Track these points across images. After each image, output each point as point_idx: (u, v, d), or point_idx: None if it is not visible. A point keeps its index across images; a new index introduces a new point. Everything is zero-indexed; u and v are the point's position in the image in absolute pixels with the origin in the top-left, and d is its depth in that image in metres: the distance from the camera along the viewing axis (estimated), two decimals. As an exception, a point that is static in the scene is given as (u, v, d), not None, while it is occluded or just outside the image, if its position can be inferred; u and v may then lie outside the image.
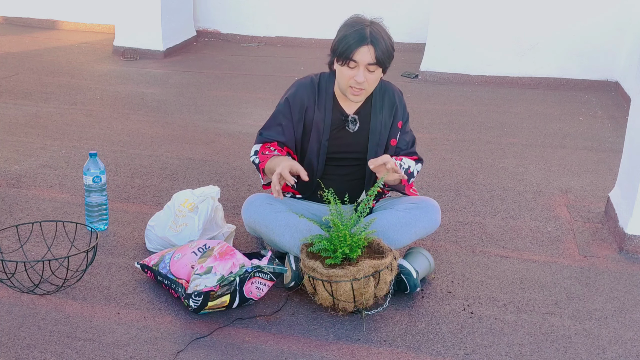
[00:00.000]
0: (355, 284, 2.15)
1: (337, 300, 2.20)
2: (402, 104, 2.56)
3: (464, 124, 4.52)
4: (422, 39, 6.17)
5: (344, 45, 2.28)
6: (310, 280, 2.22)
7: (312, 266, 2.19)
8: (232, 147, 3.94)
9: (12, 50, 6.30)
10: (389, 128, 2.52)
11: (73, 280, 2.42)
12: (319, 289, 2.21)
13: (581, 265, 2.71)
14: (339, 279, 2.14)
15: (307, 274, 2.22)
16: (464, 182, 3.52)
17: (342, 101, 2.49)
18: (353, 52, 2.27)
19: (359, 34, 2.27)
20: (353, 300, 2.20)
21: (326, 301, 2.23)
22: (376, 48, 2.27)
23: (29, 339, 2.12)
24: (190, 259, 2.32)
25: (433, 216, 2.49)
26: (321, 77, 2.50)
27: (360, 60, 2.28)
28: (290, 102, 2.48)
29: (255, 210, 2.46)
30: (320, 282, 2.18)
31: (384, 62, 2.31)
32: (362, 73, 2.30)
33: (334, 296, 2.19)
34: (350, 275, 2.14)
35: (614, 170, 3.59)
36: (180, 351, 2.08)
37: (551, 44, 5.50)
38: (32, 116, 4.39)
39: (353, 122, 2.48)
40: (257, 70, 5.85)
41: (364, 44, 2.26)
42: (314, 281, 2.21)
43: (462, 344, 2.17)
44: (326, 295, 2.20)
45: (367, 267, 2.15)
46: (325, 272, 2.16)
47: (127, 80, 5.41)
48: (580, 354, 2.14)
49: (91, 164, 2.78)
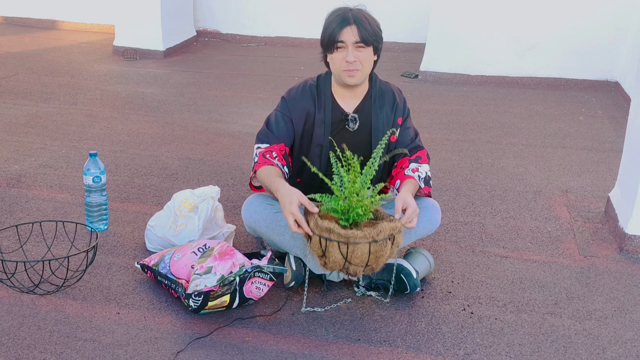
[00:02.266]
0: (373, 247, 2.06)
1: (349, 263, 2.09)
2: (402, 100, 2.56)
3: (464, 124, 4.52)
4: (422, 39, 6.17)
5: (329, 32, 2.35)
6: (322, 243, 2.08)
7: (328, 227, 2.05)
8: (232, 147, 3.94)
9: (12, 50, 6.30)
10: (390, 125, 2.51)
11: (73, 280, 2.42)
12: (332, 251, 2.07)
13: (581, 265, 2.71)
14: (359, 240, 2.04)
15: (319, 235, 2.07)
16: (464, 182, 3.52)
17: (340, 100, 2.48)
18: (338, 34, 2.32)
19: (341, 17, 2.34)
20: (365, 265, 2.10)
21: (336, 265, 2.10)
22: (359, 27, 2.32)
23: (29, 339, 2.12)
24: (190, 259, 2.32)
25: (433, 216, 2.48)
26: (318, 79, 2.51)
27: (346, 39, 2.32)
28: (288, 104, 2.47)
29: (255, 210, 2.46)
30: (336, 243, 2.05)
31: (370, 40, 2.33)
32: (352, 52, 2.33)
33: (347, 259, 2.07)
34: (370, 237, 2.05)
35: (614, 170, 3.59)
36: (180, 351, 2.08)
37: (551, 44, 5.50)
38: (32, 116, 4.39)
39: (353, 120, 2.48)
40: (257, 70, 5.85)
41: (346, 25, 2.32)
42: (327, 243, 2.06)
43: (462, 344, 2.17)
44: (339, 258, 2.08)
45: (387, 229, 2.07)
46: (343, 232, 2.04)
47: (127, 80, 5.42)
48: (580, 354, 2.14)
49: (91, 164, 2.78)
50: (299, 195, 2.14)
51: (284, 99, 2.50)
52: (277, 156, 2.43)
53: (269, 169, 2.35)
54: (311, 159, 2.49)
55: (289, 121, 2.46)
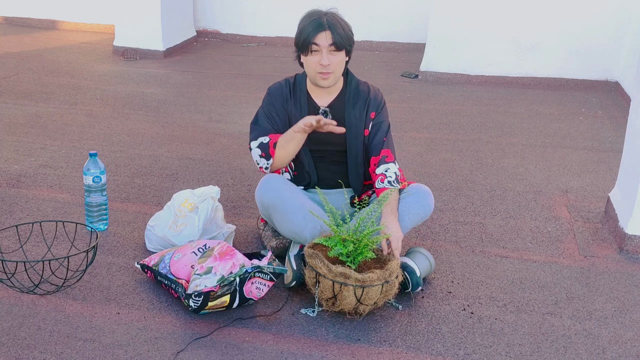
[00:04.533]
0: (385, 287, 2.17)
1: (359, 304, 2.18)
2: (377, 96, 2.64)
3: (464, 124, 4.52)
4: (422, 39, 6.17)
5: (304, 36, 2.45)
6: (335, 287, 2.15)
7: (343, 272, 2.13)
8: (232, 147, 3.94)
9: (12, 50, 6.30)
10: (363, 120, 2.60)
11: (73, 280, 2.42)
12: (346, 294, 2.15)
13: (581, 265, 2.71)
14: (373, 282, 2.14)
15: (332, 280, 2.14)
16: (464, 182, 3.52)
17: (314, 96, 2.61)
18: (313, 38, 2.42)
19: (316, 22, 2.44)
20: (374, 303, 2.21)
21: (348, 306, 2.19)
22: (333, 32, 2.43)
23: (29, 339, 2.12)
24: (191, 259, 2.32)
25: (425, 201, 2.52)
26: (295, 77, 2.65)
27: (321, 43, 2.42)
28: (271, 98, 2.62)
29: (272, 187, 2.50)
30: (352, 287, 2.14)
31: (343, 44, 2.44)
32: (326, 56, 2.44)
33: (359, 300, 2.17)
34: (383, 279, 2.16)
35: (614, 170, 3.59)
36: (180, 351, 2.08)
37: (551, 44, 5.50)
38: (32, 116, 4.39)
39: (324, 114, 2.58)
40: (257, 70, 5.85)
41: (321, 30, 2.43)
42: (342, 287, 2.14)
43: (462, 344, 2.17)
44: (352, 301, 2.16)
45: (396, 268, 2.19)
46: (360, 277, 2.12)
47: (127, 80, 5.42)
48: (580, 354, 2.14)
49: (91, 164, 2.78)
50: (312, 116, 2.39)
51: (267, 95, 2.65)
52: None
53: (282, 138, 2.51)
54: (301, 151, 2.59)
55: (275, 115, 2.59)
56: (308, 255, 2.23)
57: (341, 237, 2.24)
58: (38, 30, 7.20)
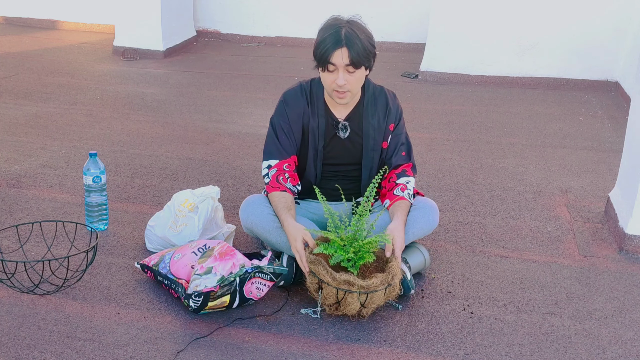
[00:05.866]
0: (388, 290, 2.18)
1: (363, 308, 2.19)
2: (396, 107, 2.54)
3: (464, 124, 4.52)
4: (422, 39, 6.17)
5: (321, 50, 2.29)
6: (339, 294, 2.16)
7: (347, 279, 2.13)
8: (232, 147, 3.94)
9: (12, 50, 6.30)
10: (382, 131, 2.50)
11: (73, 280, 2.42)
12: (350, 301, 2.16)
13: (581, 265, 2.71)
14: (377, 287, 2.14)
15: (336, 288, 2.15)
16: (464, 182, 3.52)
17: (332, 107, 2.49)
18: (329, 56, 2.27)
19: (334, 37, 2.27)
20: (377, 306, 2.22)
21: (352, 311, 2.19)
22: (350, 50, 2.26)
23: (29, 339, 2.12)
24: (191, 259, 2.32)
25: (431, 217, 2.49)
26: (312, 83, 2.50)
27: (337, 63, 2.28)
28: (286, 109, 2.48)
29: (252, 211, 2.47)
30: (356, 294, 2.14)
31: (360, 62, 2.29)
32: (342, 75, 2.30)
33: (363, 305, 2.17)
34: (386, 282, 2.17)
35: (614, 170, 3.59)
36: (180, 351, 2.08)
37: (551, 44, 5.50)
38: (32, 116, 4.39)
39: (343, 129, 2.48)
40: (257, 70, 5.85)
41: (338, 47, 2.26)
42: (347, 294, 2.15)
43: (462, 344, 2.17)
44: (355, 306, 2.17)
45: (398, 271, 2.20)
46: (364, 283, 2.13)
47: (127, 80, 5.42)
48: (580, 354, 2.14)
49: (91, 164, 2.78)
50: (303, 232, 2.27)
51: (282, 102, 2.50)
52: (290, 177, 2.47)
53: (279, 196, 2.42)
54: (307, 162, 2.52)
55: (290, 131, 2.47)
56: (310, 261, 2.22)
57: (340, 244, 2.23)
58: (38, 30, 7.20)
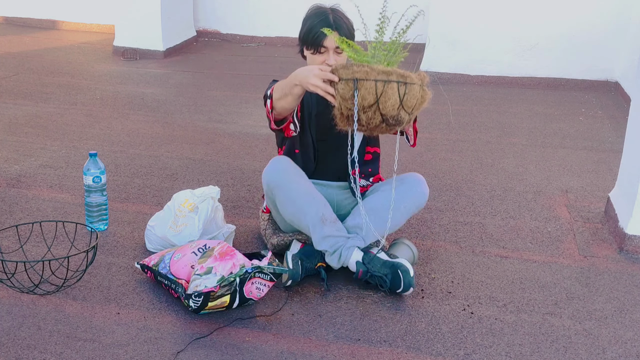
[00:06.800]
0: (420, 91, 2.14)
1: (401, 108, 2.11)
2: None
3: (464, 124, 4.52)
4: (422, 39, 6.16)
5: (313, 35, 2.47)
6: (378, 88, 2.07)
7: (385, 70, 2.08)
8: (232, 147, 3.95)
9: (12, 50, 6.30)
10: None
11: (73, 280, 2.42)
12: (390, 94, 2.08)
13: (581, 265, 2.71)
14: (414, 81, 2.10)
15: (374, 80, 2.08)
16: (464, 182, 3.52)
17: None
18: (322, 40, 2.46)
19: (324, 22, 2.46)
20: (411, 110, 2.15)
21: (391, 109, 2.10)
22: (340, 34, 2.45)
23: (29, 339, 2.12)
24: (191, 259, 2.32)
25: (419, 188, 2.53)
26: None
27: (329, 45, 2.47)
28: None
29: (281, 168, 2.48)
30: (395, 85, 2.08)
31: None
32: (332, 56, 2.48)
33: (402, 101, 2.10)
34: (419, 80, 2.14)
35: (614, 170, 3.59)
36: (180, 351, 2.08)
37: (551, 44, 5.50)
38: (32, 116, 4.39)
39: None
40: (257, 70, 5.85)
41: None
42: (386, 86, 2.07)
43: (462, 344, 2.17)
44: (396, 101, 2.09)
45: (424, 75, 2.19)
46: (402, 72, 2.09)
47: (127, 80, 5.42)
48: (580, 354, 2.14)
49: (91, 164, 2.78)
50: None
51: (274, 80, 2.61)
52: None
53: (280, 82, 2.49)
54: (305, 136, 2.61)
55: None
56: (341, 67, 2.15)
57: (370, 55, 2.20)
58: (38, 30, 7.20)
